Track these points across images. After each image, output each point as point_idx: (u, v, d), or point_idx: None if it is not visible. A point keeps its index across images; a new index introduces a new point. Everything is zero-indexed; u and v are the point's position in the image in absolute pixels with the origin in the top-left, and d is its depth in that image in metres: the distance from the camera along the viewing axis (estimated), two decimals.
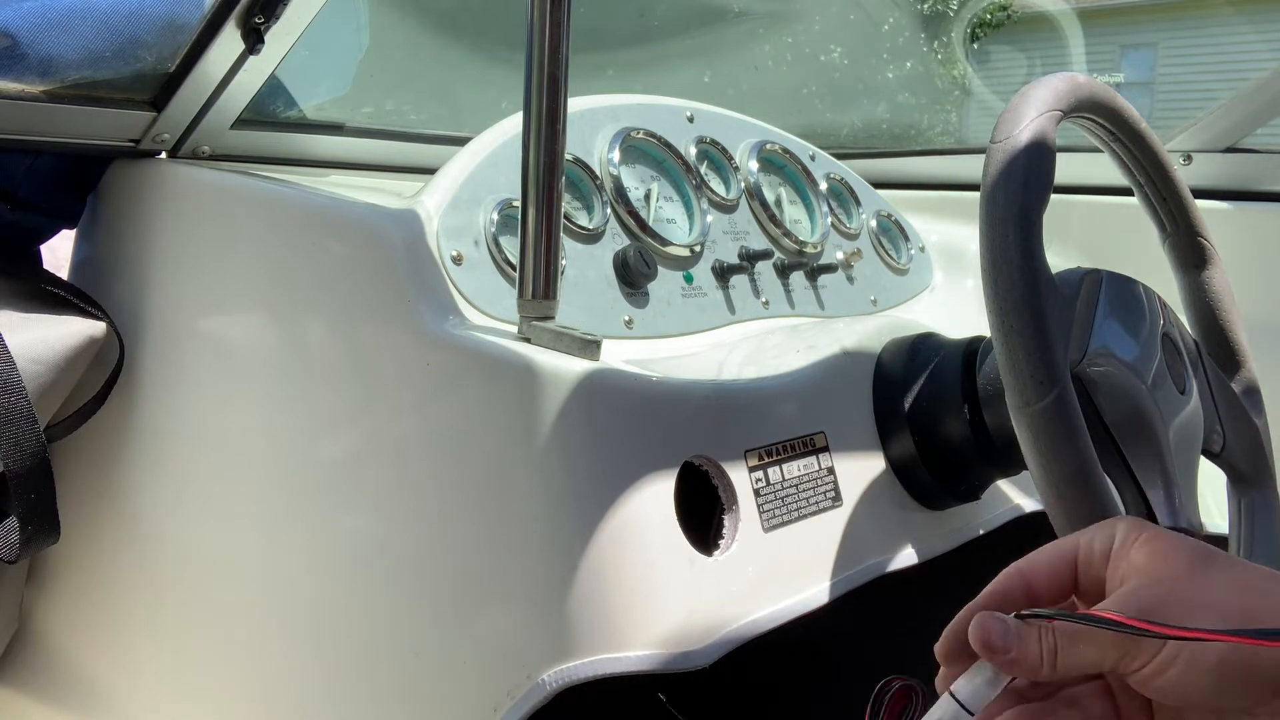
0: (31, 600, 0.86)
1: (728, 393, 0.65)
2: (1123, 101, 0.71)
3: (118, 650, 0.81)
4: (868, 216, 1.10)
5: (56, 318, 0.74)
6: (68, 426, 0.77)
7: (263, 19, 0.71)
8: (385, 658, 0.62)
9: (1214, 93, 9.03)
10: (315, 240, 0.70)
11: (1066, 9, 3.66)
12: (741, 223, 0.95)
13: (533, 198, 0.61)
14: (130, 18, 0.75)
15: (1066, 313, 0.62)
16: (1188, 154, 1.18)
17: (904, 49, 2.54)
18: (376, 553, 0.64)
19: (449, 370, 0.61)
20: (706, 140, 0.96)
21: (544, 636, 0.54)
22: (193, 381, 0.76)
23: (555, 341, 0.60)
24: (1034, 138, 0.59)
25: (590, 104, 0.89)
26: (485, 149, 0.79)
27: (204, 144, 0.82)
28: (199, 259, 0.77)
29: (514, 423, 0.57)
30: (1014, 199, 0.57)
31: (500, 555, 0.57)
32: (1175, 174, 0.76)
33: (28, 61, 0.73)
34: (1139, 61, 9.73)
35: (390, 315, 0.64)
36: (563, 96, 0.62)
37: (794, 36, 1.97)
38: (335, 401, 0.67)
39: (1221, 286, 0.79)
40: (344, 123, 0.98)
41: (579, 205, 0.83)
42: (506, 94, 1.17)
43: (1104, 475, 0.56)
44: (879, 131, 2.35)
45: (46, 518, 0.72)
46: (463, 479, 0.59)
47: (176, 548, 0.77)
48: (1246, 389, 0.78)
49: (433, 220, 0.72)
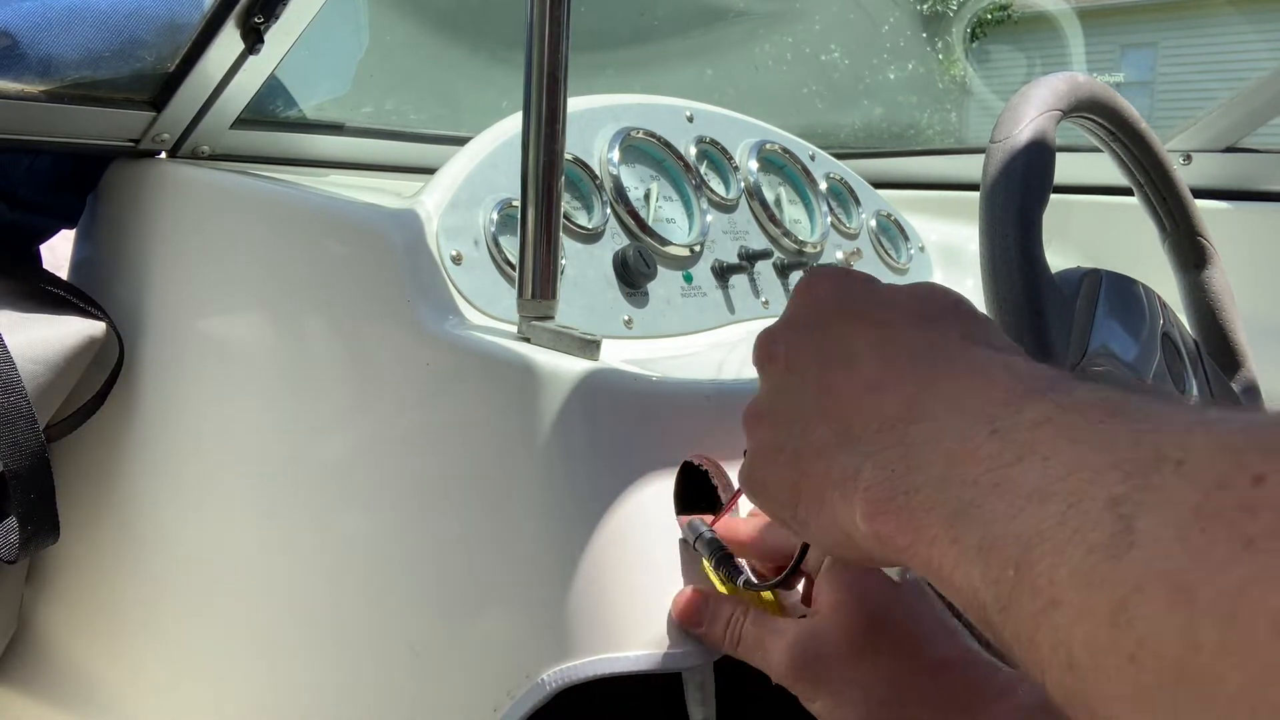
0: (31, 600, 0.86)
1: (728, 393, 0.65)
2: (1123, 101, 0.71)
3: (118, 650, 0.81)
4: (867, 216, 1.10)
5: (56, 317, 0.74)
6: (68, 426, 0.77)
7: (262, 19, 0.71)
8: (385, 658, 0.62)
9: (1214, 93, 9.03)
10: (315, 240, 0.70)
11: (1066, 9, 3.66)
12: (741, 222, 0.95)
13: (532, 197, 0.61)
14: (130, 18, 0.75)
15: (1066, 313, 0.62)
16: (1188, 154, 1.18)
17: (904, 49, 2.54)
18: (375, 552, 0.64)
19: (448, 370, 0.61)
20: (706, 140, 0.96)
21: (544, 636, 0.54)
22: (192, 381, 0.76)
23: (555, 341, 0.60)
24: (1034, 137, 0.59)
25: (590, 104, 0.89)
26: (485, 149, 0.79)
27: (204, 144, 0.82)
28: (199, 259, 0.77)
29: (513, 423, 0.57)
30: (1014, 199, 0.57)
31: (499, 555, 0.57)
32: (1175, 174, 0.76)
33: (27, 61, 0.73)
34: (1139, 61, 9.74)
35: (390, 315, 0.64)
36: (563, 96, 0.62)
37: (794, 36, 1.97)
38: (334, 401, 0.67)
39: (1221, 286, 0.79)
40: (344, 123, 0.98)
41: (579, 205, 0.83)
42: (506, 94, 1.17)
43: None
44: (879, 131, 2.35)
45: (46, 518, 0.72)
46: (462, 479, 0.59)
47: (176, 547, 0.77)
48: (1246, 389, 0.78)
49: (432, 220, 0.72)
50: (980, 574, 0.27)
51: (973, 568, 0.28)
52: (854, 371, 0.36)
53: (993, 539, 0.27)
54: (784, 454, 0.38)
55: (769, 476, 0.39)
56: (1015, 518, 0.26)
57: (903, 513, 0.31)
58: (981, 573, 0.27)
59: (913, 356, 0.35)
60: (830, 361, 0.37)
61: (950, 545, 0.29)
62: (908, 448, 0.32)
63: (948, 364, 0.34)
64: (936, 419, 0.32)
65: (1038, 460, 0.27)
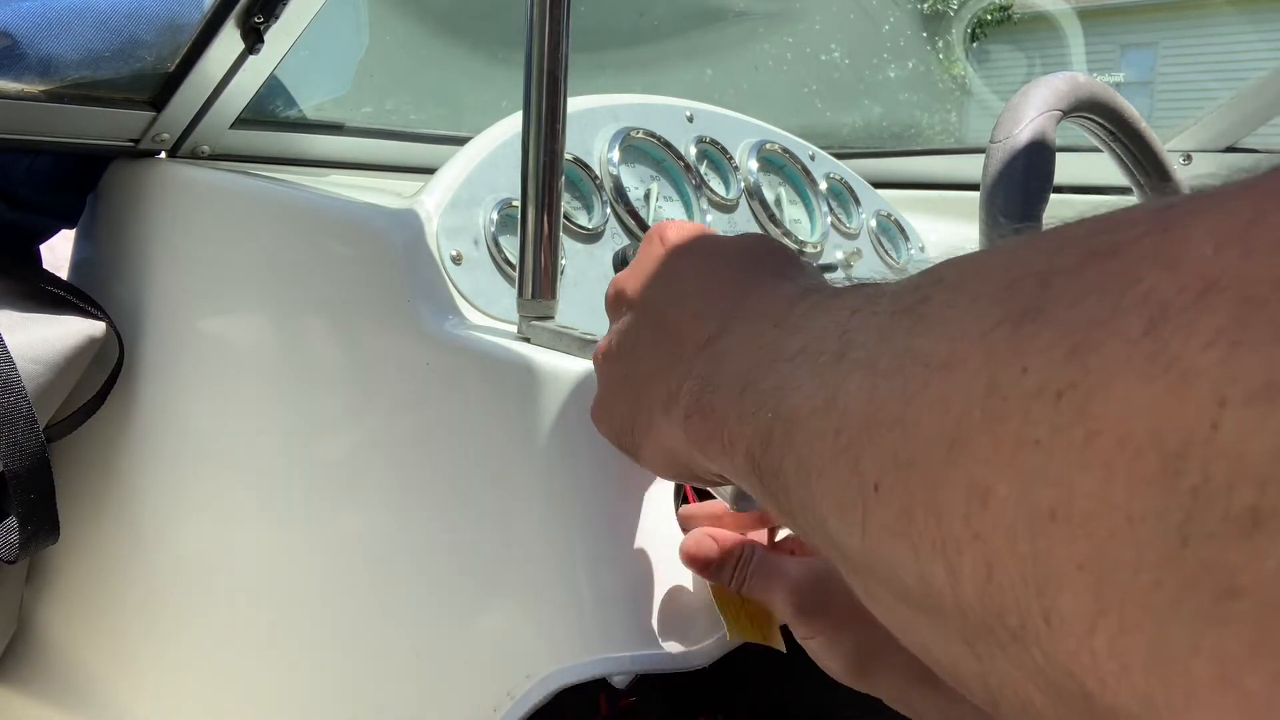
0: (31, 600, 0.86)
1: None
2: (1123, 101, 0.71)
3: (118, 650, 0.81)
4: (867, 216, 1.10)
5: (56, 317, 0.73)
6: (68, 426, 0.77)
7: (262, 19, 0.71)
8: (385, 657, 0.62)
9: (1214, 93, 9.03)
10: (315, 240, 0.70)
11: (1066, 9, 3.66)
12: (741, 222, 0.95)
13: (532, 197, 0.61)
14: (130, 18, 0.75)
15: None
16: (1188, 154, 1.18)
17: (904, 49, 2.53)
18: (375, 552, 0.64)
19: (448, 370, 0.61)
20: (706, 140, 0.96)
21: (544, 636, 0.54)
22: (192, 381, 0.76)
23: (555, 341, 0.60)
24: (1034, 137, 0.59)
25: (590, 104, 0.89)
26: (485, 149, 0.79)
27: (204, 144, 0.82)
28: (199, 259, 0.77)
29: (513, 422, 0.57)
30: (1014, 199, 0.57)
31: (499, 555, 0.57)
32: (1175, 174, 0.76)
33: (27, 61, 0.73)
34: (1139, 61, 9.74)
35: (390, 315, 0.64)
36: (563, 96, 0.62)
37: (794, 36, 1.97)
38: (334, 401, 0.67)
39: None
40: (344, 123, 0.98)
41: (579, 205, 0.83)
42: (506, 94, 1.17)
43: None
44: (879, 131, 2.35)
45: (46, 518, 0.72)
46: (462, 479, 0.59)
47: (176, 548, 0.77)
48: None
49: (432, 220, 0.72)
50: (751, 429, 0.32)
51: (745, 427, 0.32)
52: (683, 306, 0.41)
53: (759, 398, 0.31)
54: (625, 384, 0.43)
55: (612, 407, 0.44)
56: (775, 374, 0.31)
57: (707, 409, 0.35)
58: (751, 428, 0.31)
59: (729, 287, 0.40)
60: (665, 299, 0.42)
61: (736, 420, 0.33)
62: (715, 357, 0.37)
63: (757, 289, 0.39)
64: (737, 331, 0.37)
65: (799, 334, 0.32)
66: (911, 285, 0.27)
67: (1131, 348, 0.18)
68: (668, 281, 0.43)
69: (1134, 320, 0.18)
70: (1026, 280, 0.22)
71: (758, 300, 0.37)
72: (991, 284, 0.23)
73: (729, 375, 0.35)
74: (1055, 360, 0.19)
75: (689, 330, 0.40)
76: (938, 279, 0.26)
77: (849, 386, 0.26)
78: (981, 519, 0.20)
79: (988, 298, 0.23)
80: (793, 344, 0.31)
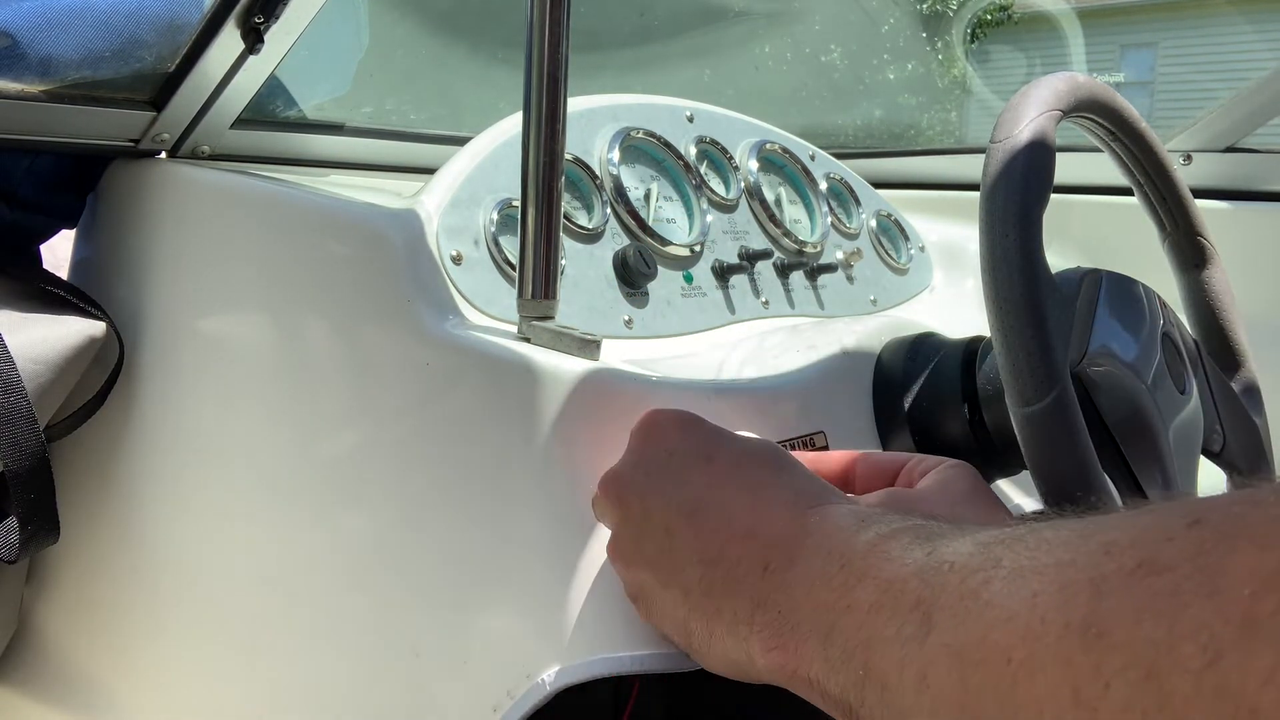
0: (31, 600, 0.86)
1: (727, 393, 0.65)
2: (1123, 101, 0.71)
3: (118, 650, 0.81)
4: (868, 216, 1.10)
5: (56, 318, 0.73)
6: (68, 426, 0.77)
7: (263, 19, 0.71)
8: (384, 657, 0.62)
9: (1214, 93, 9.03)
10: (315, 240, 0.70)
11: (1066, 9, 3.66)
12: (741, 222, 0.95)
13: (532, 197, 0.61)
14: (130, 18, 0.75)
15: (1066, 313, 0.62)
16: (1188, 154, 1.18)
17: (904, 49, 2.53)
18: (375, 552, 0.64)
19: (448, 370, 0.61)
20: (706, 140, 0.96)
21: (544, 636, 0.54)
22: (193, 381, 0.76)
23: (555, 341, 0.60)
24: (1034, 137, 0.59)
25: (590, 104, 0.89)
26: (485, 149, 0.79)
27: (204, 144, 0.82)
28: (199, 259, 0.77)
29: (513, 423, 0.57)
30: (1014, 199, 0.57)
31: (500, 555, 0.57)
32: (1175, 174, 0.76)
33: (27, 61, 0.73)
34: (1139, 61, 9.73)
35: (390, 315, 0.64)
36: (563, 96, 0.62)
37: (794, 36, 1.97)
38: (334, 401, 0.67)
39: (1221, 286, 0.78)
40: (344, 123, 0.98)
41: (579, 205, 0.83)
42: (506, 94, 1.17)
43: (1104, 475, 0.56)
44: (879, 131, 2.35)
45: (46, 518, 0.72)
46: (462, 479, 0.59)
47: (176, 547, 0.77)
48: (1246, 389, 0.78)
49: (432, 220, 0.72)
50: (844, 679, 0.36)
51: (838, 675, 0.36)
52: (725, 519, 0.44)
53: (848, 650, 0.36)
54: (670, 591, 0.46)
55: (658, 612, 0.48)
56: (856, 627, 0.36)
57: (789, 645, 0.39)
58: (844, 678, 0.36)
59: (775, 506, 0.43)
60: (697, 508, 0.45)
61: (824, 664, 0.37)
62: (785, 587, 0.40)
63: (806, 515, 0.42)
64: (805, 564, 0.40)
65: (868, 581, 0.36)
66: (974, 564, 0.31)
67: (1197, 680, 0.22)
68: (692, 487, 0.46)
69: (1191, 650, 0.23)
70: (1080, 585, 0.27)
71: (818, 533, 0.41)
72: (1047, 580, 0.28)
73: (807, 615, 0.39)
74: (1132, 682, 0.24)
75: (739, 550, 0.43)
76: (995, 561, 0.31)
77: (938, 669, 0.31)
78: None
79: (1045, 600, 0.28)
80: (865, 593, 0.36)
